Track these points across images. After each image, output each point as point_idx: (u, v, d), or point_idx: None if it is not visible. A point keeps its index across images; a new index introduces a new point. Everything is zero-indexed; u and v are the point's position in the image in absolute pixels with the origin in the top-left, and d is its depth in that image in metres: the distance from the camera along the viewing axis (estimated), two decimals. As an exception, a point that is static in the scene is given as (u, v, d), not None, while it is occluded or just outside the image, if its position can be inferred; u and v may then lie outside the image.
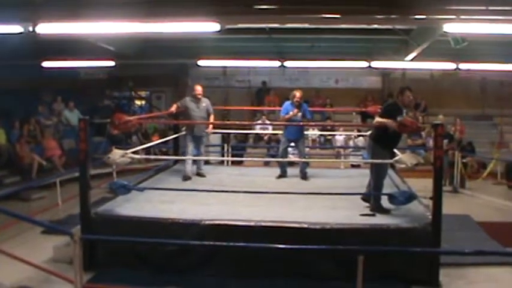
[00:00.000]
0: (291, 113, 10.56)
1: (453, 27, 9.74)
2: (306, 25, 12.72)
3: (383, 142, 7.89)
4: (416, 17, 9.64)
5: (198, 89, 10.61)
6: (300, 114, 10.62)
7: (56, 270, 6.80)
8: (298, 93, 10.62)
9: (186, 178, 10.33)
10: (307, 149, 11.55)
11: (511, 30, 9.39)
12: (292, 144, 10.95)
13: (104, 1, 9.51)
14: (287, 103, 10.80)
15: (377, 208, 7.83)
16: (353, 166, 15.13)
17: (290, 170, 11.11)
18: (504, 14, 8.78)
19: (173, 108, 10.76)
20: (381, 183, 8.01)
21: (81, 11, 9.30)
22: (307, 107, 10.96)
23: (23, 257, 6.77)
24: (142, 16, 9.40)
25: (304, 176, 10.71)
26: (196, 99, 10.56)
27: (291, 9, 9.48)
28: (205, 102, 10.66)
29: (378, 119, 7.98)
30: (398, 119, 7.59)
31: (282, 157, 10.99)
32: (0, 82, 16.25)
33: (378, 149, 7.94)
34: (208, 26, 9.69)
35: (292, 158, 12.65)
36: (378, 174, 7.99)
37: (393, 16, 9.64)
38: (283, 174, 10.92)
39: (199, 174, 10.74)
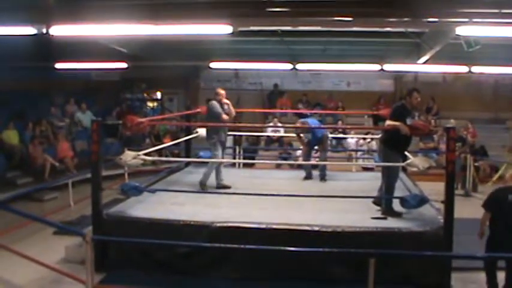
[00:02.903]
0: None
1: (465, 30, 9.68)
2: (318, 28, 12.71)
3: (393, 145, 7.88)
4: (429, 20, 9.61)
5: (223, 92, 10.08)
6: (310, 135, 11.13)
7: (67, 271, 6.87)
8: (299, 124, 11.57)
9: (204, 187, 9.65)
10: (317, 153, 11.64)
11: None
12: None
13: (116, 3, 9.54)
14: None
15: (388, 211, 7.82)
16: (365, 169, 15.10)
17: (303, 173, 11.19)
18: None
19: (226, 116, 9.86)
20: (392, 186, 7.99)
21: (93, 13, 9.33)
22: (314, 122, 11.67)
23: (35, 257, 6.85)
24: (154, 18, 9.41)
25: (322, 177, 10.90)
26: (222, 103, 9.97)
27: (303, 11, 9.46)
28: (227, 105, 10.07)
29: (388, 122, 7.96)
30: (408, 121, 7.59)
31: (304, 160, 11.50)
32: (13, 84, 16.39)
33: (389, 152, 7.94)
34: (220, 28, 9.70)
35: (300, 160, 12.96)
36: (389, 178, 7.98)
37: (405, 19, 9.60)
38: (308, 176, 11.10)
39: (225, 186, 9.78)
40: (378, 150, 8.76)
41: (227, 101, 10.06)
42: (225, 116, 9.79)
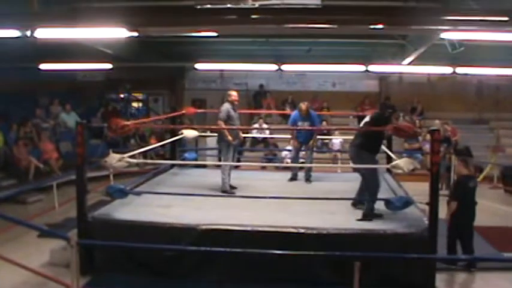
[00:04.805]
0: (299, 123, 10.74)
1: (450, 34, 9.76)
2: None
3: (369, 147, 7.98)
4: (413, 27, 9.64)
5: (235, 94, 10.14)
6: (306, 123, 10.73)
7: (52, 275, 6.82)
8: (304, 106, 10.78)
9: (228, 191, 9.60)
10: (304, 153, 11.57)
11: (508, 37, 9.33)
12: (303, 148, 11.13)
13: (101, 6, 9.50)
14: (295, 112, 11.04)
15: (370, 213, 7.81)
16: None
17: (288, 175, 11.21)
18: (502, 25, 8.65)
19: (223, 125, 9.81)
20: (375, 187, 8.02)
21: (79, 17, 9.26)
22: (315, 114, 11.21)
23: (20, 260, 6.80)
24: (140, 23, 9.34)
25: (308, 178, 10.87)
26: (234, 106, 10.04)
27: (288, 18, 9.35)
28: (237, 108, 10.07)
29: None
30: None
31: (293, 161, 11.39)
32: (-3, 85, 16.28)
33: (365, 154, 7.99)
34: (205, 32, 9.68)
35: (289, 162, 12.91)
36: (370, 179, 8.01)
37: (391, 26, 9.60)
38: (294, 177, 11.08)
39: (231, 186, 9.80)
40: (352, 155, 8.43)
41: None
42: (220, 122, 9.74)
